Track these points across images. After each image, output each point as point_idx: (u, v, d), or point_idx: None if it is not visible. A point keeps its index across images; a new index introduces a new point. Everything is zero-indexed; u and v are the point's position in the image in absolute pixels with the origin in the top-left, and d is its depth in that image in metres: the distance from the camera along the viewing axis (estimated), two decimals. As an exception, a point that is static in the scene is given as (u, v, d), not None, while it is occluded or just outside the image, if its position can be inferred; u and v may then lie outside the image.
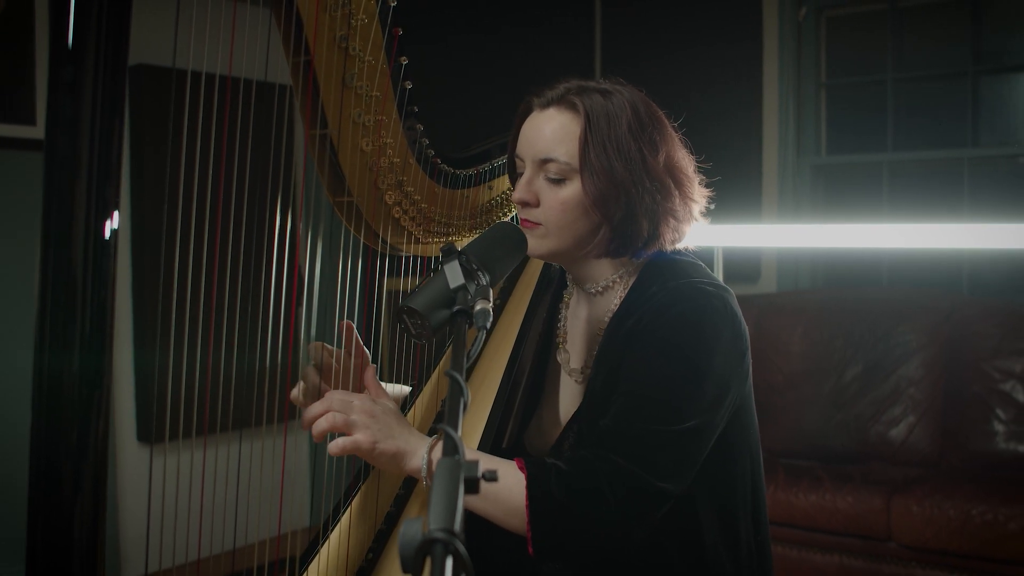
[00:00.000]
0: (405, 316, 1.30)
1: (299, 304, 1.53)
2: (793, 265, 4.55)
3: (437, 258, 1.68)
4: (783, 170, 4.49)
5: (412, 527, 0.82)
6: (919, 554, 3.20)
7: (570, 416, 1.62)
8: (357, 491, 1.59)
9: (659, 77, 4.74)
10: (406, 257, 1.66)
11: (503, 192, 1.75)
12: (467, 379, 1.68)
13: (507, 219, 1.78)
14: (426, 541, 0.77)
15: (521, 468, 1.39)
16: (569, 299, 1.71)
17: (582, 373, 1.63)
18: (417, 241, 1.60)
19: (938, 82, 4.44)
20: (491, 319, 1.20)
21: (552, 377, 1.70)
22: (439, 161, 1.59)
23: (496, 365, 1.66)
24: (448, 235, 1.65)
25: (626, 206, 1.48)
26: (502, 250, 1.39)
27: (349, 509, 1.56)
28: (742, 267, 4.42)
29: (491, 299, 1.24)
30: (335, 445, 1.35)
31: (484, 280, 1.30)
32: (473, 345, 1.18)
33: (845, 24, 4.61)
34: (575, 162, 1.48)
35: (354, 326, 1.52)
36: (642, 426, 1.40)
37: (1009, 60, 4.30)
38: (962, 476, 3.42)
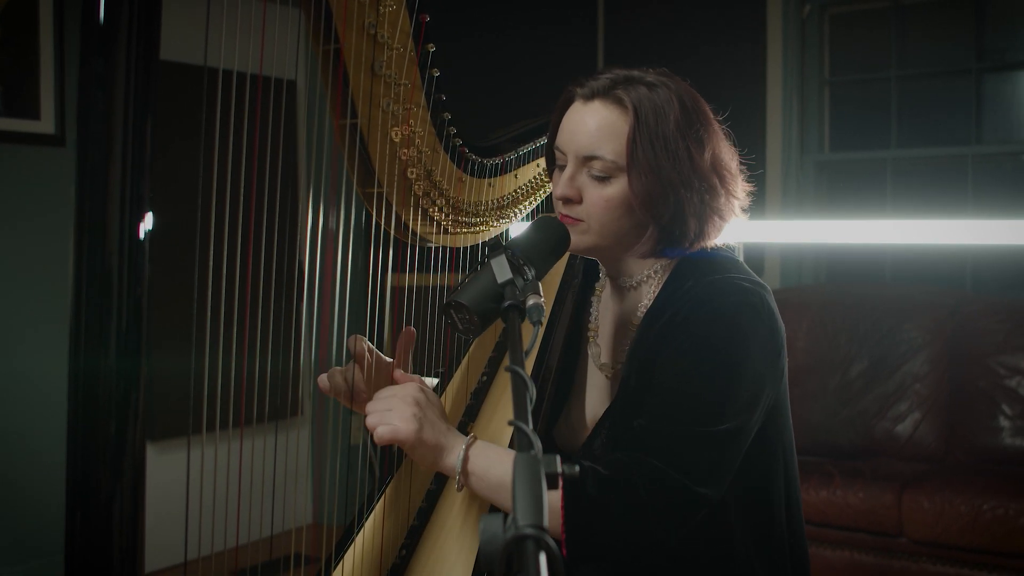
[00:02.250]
0: (452, 311, 1.28)
1: (302, 300, 1.50)
2: (796, 262, 4.54)
3: (464, 249, 1.66)
4: (786, 167, 4.49)
5: (492, 524, 0.80)
6: (930, 549, 3.19)
7: (599, 412, 1.60)
8: (386, 486, 1.56)
9: (665, 61, 4.71)
10: (432, 251, 1.63)
11: (528, 181, 1.73)
12: (495, 374, 1.66)
13: (532, 208, 1.76)
14: (516, 538, 0.75)
15: None
16: (601, 292, 1.69)
17: (612, 368, 1.61)
18: (446, 232, 1.58)
19: (941, 79, 4.44)
20: (545, 314, 1.18)
21: (581, 372, 1.67)
22: (467, 150, 1.57)
23: (527, 359, 1.64)
24: (476, 225, 1.63)
25: (674, 206, 1.45)
26: (547, 245, 1.38)
27: (380, 504, 1.54)
28: (746, 263, 4.41)
29: (541, 293, 1.23)
30: (380, 432, 1.34)
31: (530, 274, 1.28)
32: (531, 340, 1.16)
33: (848, 21, 4.60)
34: (621, 160, 1.45)
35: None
36: (678, 428, 1.37)
37: (1012, 57, 4.30)
38: (969, 472, 3.42)
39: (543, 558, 0.75)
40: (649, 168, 1.43)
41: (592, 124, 1.47)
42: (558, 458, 0.87)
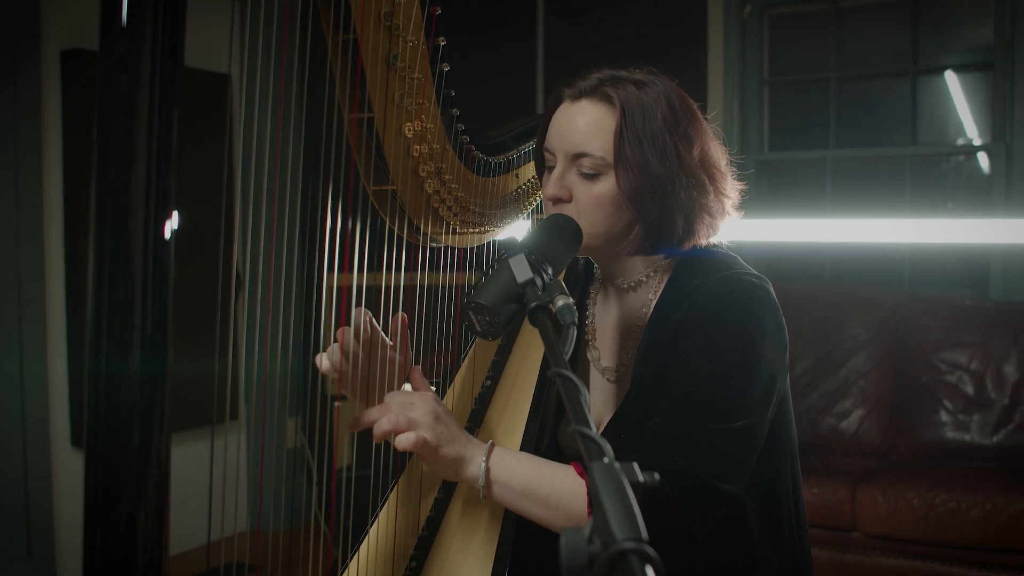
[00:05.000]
0: (472, 313, 1.24)
1: (240, 301, 1.42)
2: (737, 260, 4.59)
3: (470, 250, 1.61)
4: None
5: (575, 537, 0.76)
6: (883, 542, 3.25)
7: (603, 415, 1.58)
8: (386, 497, 1.51)
9: (606, 63, 4.72)
10: (427, 251, 1.58)
11: (528, 180, 1.69)
12: (499, 378, 1.62)
13: (532, 207, 1.72)
14: (618, 552, 0.71)
15: (580, 473, 1.35)
16: (596, 295, 1.67)
17: (616, 371, 1.58)
18: (454, 232, 1.53)
19: (879, 81, 4.54)
20: (576, 314, 1.15)
21: (580, 376, 1.65)
22: (473, 148, 1.53)
23: (528, 364, 1.61)
24: (482, 225, 1.59)
25: (661, 202, 1.44)
26: (562, 243, 1.34)
27: (385, 513, 1.49)
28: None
29: (567, 292, 1.19)
30: (404, 439, 1.29)
31: (548, 273, 1.25)
32: (568, 342, 1.13)
33: (788, 23, 4.67)
34: (610, 157, 1.43)
35: (407, 320, 1.45)
36: (700, 425, 1.36)
37: (946, 61, 4.42)
38: (913, 466, 3.50)
39: (650, 571, 0.72)
40: (636, 164, 1.42)
41: (580, 122, 1.45)
42: (636, 465, 0.84)
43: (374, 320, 1.44)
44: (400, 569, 1.41)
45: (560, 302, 1.17)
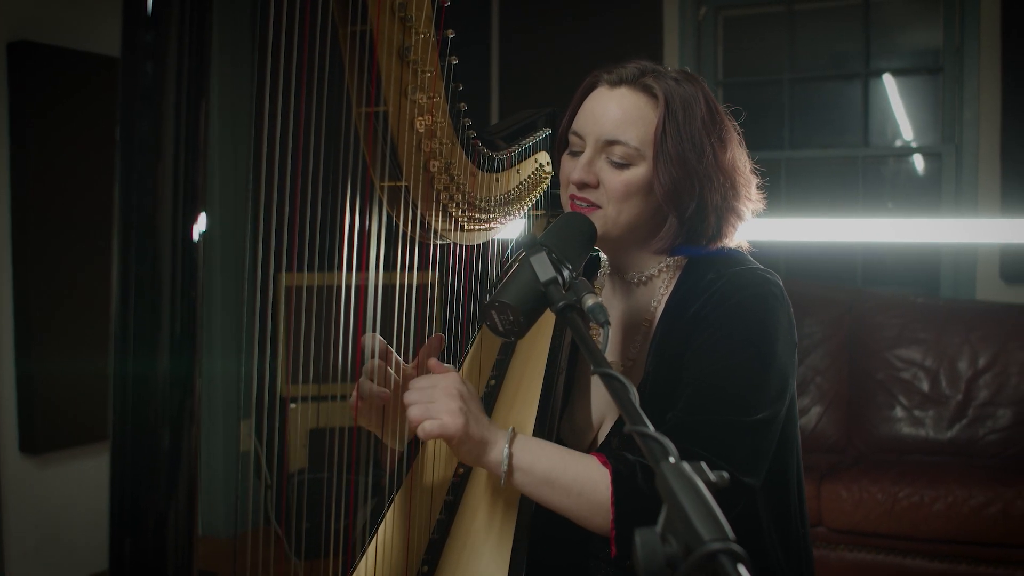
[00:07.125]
0: (494, 312, 1.22)
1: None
2: (693, 259, 4.62)
3: (472, 247, 1.59)
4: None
5: (651, 538, 0.76)
6: (848, 537, 3.31)
7: (605, 409, 1.58)
8: (392, 500, 1.48)
9: (560, 74, 4.73)
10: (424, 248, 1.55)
11: (528, 176, 1.67)
12: (504, 376, 1.61)
13: (531, 204, 1.71)
14: (707, 554, 0.71)
15: (604, 463, 1.34)
16: (600, 289, 1.66)
17: (621, 365, 1.58)
18: (461, 228, 1.51)
19: (832, 83, 4.61)
20: (607, 313, 1.14)
21: (581, 370, 1.64)
22: (479, 143, 1.51)
23: (533, 361, 1.59)
24: (487, 222, 1.56)
25: (698, 200, 1.46)
26: (579, 242, 1.34)
27: (390, 519, 1.45)
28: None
29: (594, 291, 1.18)
30: (423, 430, 1.27)
31: (568, 271, 1.24)
32: (603, 341, 1.11)
33: (742, 24, 4.72)
34: (645, 147, 1.44)
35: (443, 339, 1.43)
36: (719, 418, 1.36)
37: (897, 64, 4.51)
38: (879, 461, 3.56)
39: (743, 570, 0.71)
40: (677, 160, 1.43)
41: (617, 110, 1.46)
42: (704, 464, 0.83)
43: (387, 345, 1.42)
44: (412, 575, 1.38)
45: (590, 301, 1.16)
